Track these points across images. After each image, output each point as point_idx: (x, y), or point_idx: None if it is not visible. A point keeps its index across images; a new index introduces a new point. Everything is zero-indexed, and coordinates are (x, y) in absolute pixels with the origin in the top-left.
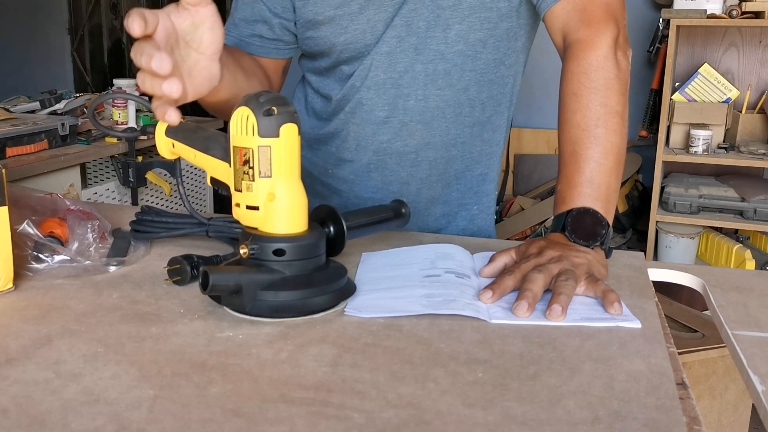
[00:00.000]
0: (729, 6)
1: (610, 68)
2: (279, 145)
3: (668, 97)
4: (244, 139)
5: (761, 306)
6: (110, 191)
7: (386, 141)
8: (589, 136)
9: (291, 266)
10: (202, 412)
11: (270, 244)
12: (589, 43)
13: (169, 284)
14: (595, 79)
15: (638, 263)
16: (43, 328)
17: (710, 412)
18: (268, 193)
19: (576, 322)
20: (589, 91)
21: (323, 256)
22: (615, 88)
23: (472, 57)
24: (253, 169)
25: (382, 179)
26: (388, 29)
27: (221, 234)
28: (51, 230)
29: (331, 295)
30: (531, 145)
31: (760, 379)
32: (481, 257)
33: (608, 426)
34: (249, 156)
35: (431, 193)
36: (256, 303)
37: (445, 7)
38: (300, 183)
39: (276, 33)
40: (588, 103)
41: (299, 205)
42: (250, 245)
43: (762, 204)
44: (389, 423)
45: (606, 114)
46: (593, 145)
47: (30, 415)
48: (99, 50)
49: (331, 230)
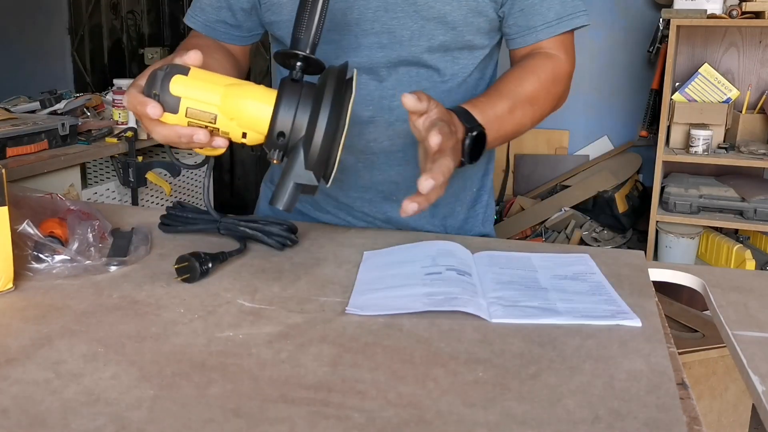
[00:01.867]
0: (729, 6)
1: (564, 84)
2: (188, 96)
3: (668, 97)
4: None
5: (761, 306)
6: (110, 191)
7: (373, 140)
8: (519, 96)
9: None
10: (202, 412)
11: (274, 130)
12: (559, 61)
13: (178, 281)
14: (551, 79)
15: (638, 262)
16: (43, 328)
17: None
18: (229, 126)
19: (576, 321)
20: (543, 81)
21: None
22: (556, 97)
23: (452, 62)
24: (207, 124)
25: (370, 178)
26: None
27: (230, 232)
28: (51, 230)
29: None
30: (531, 145)
31: (760, 379)
32: (481, 257)
33: (608, 425)
34: (199, 123)
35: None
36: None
37: (429, 18)
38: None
39: (238, 20)
40: (537, 82)
41: (249, 92)
42: (275, 153)
43: (762, 204)
44: (389, 423)
45: (539, 99)
46: (515, 102)
47: (30, 415)
48: (99, 50)
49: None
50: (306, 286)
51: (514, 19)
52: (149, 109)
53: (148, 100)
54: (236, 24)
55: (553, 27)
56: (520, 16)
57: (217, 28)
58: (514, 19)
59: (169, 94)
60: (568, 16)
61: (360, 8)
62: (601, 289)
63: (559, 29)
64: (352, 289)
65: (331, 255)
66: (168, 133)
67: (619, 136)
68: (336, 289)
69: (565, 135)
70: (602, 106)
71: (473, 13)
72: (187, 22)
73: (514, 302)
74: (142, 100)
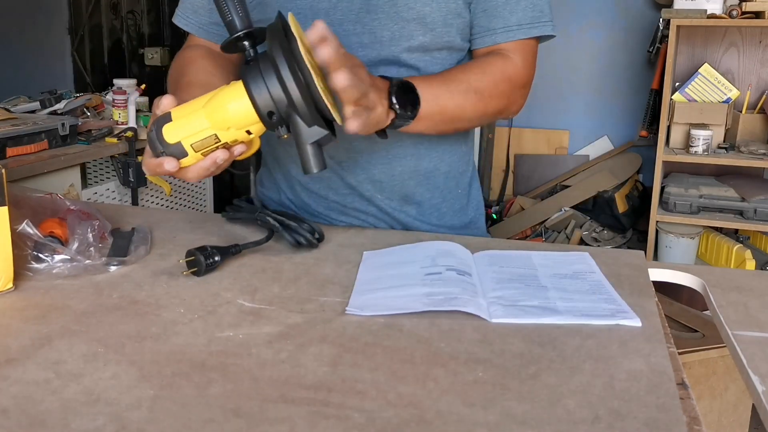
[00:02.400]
0: (729, 6)
1: (514, 86)
2: (184, 136)
3: (668, 97)
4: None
5: (761, 306)
6: (110, 191)
7: (354, 138)
8: (461, 81)
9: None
10: (202, 412)
11: (263, 114)
12: (513, 64)
13: (186, 275)
14: (498, 76)
15: (638, 262)
16: (43, 328)
17: (710, 412)
18: (232, 134)
19: (576, 320)
20: (489, 75)
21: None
22: (504, 95)
23: (431, 62)
24: (216, 145)
25: (354, 178)
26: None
27: (263, 223)
28: (51, 230)
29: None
30: (531, 145)
31: (760, 379)
32: (481, 256)
33: (608, 425)
34: (210, 148)
35: (405, 191)
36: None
37: (409, 19)
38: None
39: None
40: (481, 74)
41: (223, 98)
42: (279, 130)
43: (762, 204)
44: (389, 423)
45: (483, 91)
46: (455, 84)
47: (30, 415)
48: (99, 50)
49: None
50: (306, 286)
51: (477, 19)
52: (167, 166)
53: (161, 160)
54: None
55: (512, 32)
56: (483, 17)
57: (212, 30)
58: (477, 19)
59: (169, 145)
60: (529, 24)
61: (343, 9)
62: (601, 288)
63: (518, 35)
64: (352, 289)
65: (331, 255)
66: (197, 172)
67: (619, 136)
68: (336, 289)
69: (565, 135)
70: (602, 106)
71: (452, 14)
72: (179, 23)
73: (513, 302)
74: (157, 163)
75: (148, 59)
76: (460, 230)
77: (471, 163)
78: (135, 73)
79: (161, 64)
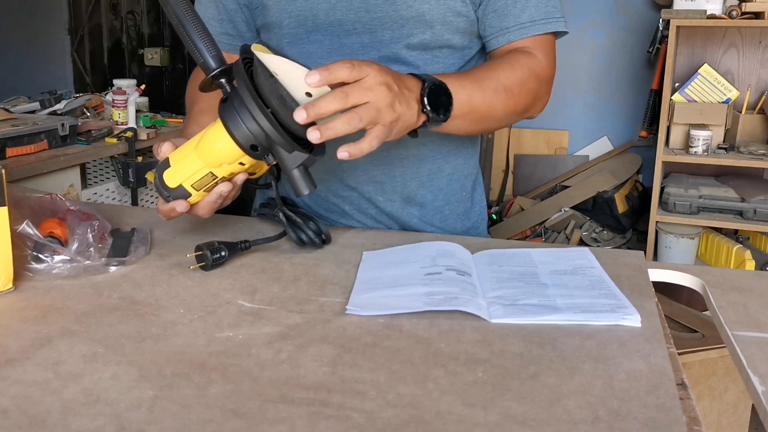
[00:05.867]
0: (729, 6)
1: (540, 82)
2: (184, 179)
3: (668, 98)
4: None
5: (761, 306)
6: (110, 191)
7: (354, 138)
8: (491, 79)
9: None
10: (202, 412)
11: (247, 148)
12: (537, 60)
13: (171, 282)
14: (527, 72)
15: (638, 263)
16: (43, 329)
17: (710, 412)
18: (226, 169)
19: (576, 317)
20: (518, 72)
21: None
22: (532, 92)
23: (432, 60)
24: (215, 181)
25: (354, 178)
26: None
27: (279, 221)
28: (51, 230)
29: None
30: (531, 145)
31: (760, 380)
32: (480, 256)
33: (608, 425)
34: (211, 185)
35: (406, 192)
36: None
37: (408, 17)
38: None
39: (239, 30)
40: (510, 71)
41: (209, 139)
42: (266, 159)
43: (762, 204)
44: (389, 423)
45: (512, 89)
46: (486, 83)
47: (30, 416)
48: (99, 50)
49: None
50: (306, 287)
51: (488, 20)
52: (178, 209)
53: (172, 205)
54: (237, 34)
55: (526, 28)
56: (494, 17)
57: (223, 41)
58: (488, 20)
59: (172, 189)
60: (543, 20)
61: (342, 9)
62: (601, 283)
63: (531, 31)
64: (352, 289)
65: (331, 255)
66: (207, 207)
67: (619, 136)
68: (336, 289)
69: (565, 135)
70: (602, 107)
71: (451, 12)
72: None
73: (513, 301)
74: (169, 208)
75: (147, 59)
76: (462, 234)
77: (476, 166)
78: (135, 74)
79: (161, 64)
